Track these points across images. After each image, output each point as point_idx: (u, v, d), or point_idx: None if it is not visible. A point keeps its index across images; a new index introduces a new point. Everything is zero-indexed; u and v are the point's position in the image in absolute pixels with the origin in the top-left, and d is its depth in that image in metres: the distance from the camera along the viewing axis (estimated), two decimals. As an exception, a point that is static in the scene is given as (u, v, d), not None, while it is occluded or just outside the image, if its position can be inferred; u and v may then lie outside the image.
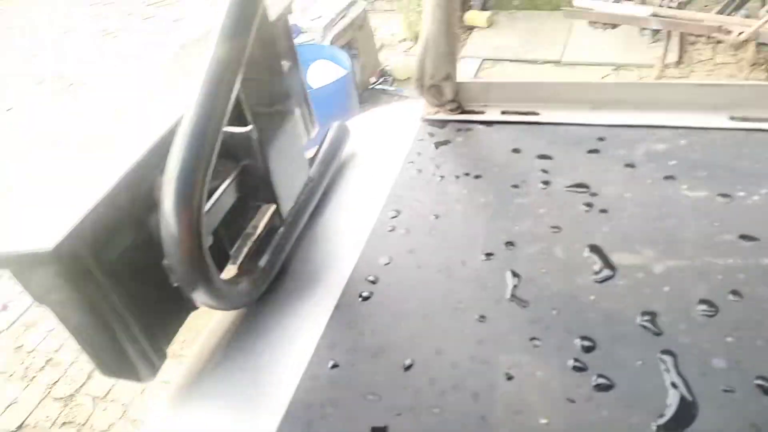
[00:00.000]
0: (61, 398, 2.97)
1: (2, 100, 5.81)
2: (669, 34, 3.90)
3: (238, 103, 0.81)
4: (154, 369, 0.82)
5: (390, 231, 0.98)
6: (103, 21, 5.99)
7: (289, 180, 0.98)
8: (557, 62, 4.60)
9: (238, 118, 0.86)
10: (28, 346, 3.27)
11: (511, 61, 4.73)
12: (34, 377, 3.09)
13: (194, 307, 0.90)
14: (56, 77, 6.04)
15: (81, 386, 3.00)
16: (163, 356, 0.84)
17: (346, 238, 1.01)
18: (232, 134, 0.87)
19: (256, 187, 0.93)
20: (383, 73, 4.88)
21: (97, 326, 0.75)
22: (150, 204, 0.79)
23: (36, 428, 2.85)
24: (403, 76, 4.75)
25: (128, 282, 0.76)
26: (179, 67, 1.00)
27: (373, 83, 4.77)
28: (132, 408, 2.85)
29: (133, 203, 0.77)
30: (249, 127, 0.87)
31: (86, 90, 5.86)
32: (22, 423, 2.88)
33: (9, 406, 2.98)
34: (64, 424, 2.84)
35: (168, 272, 0.78)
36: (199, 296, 0.77)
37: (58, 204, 0.74)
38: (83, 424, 2.82)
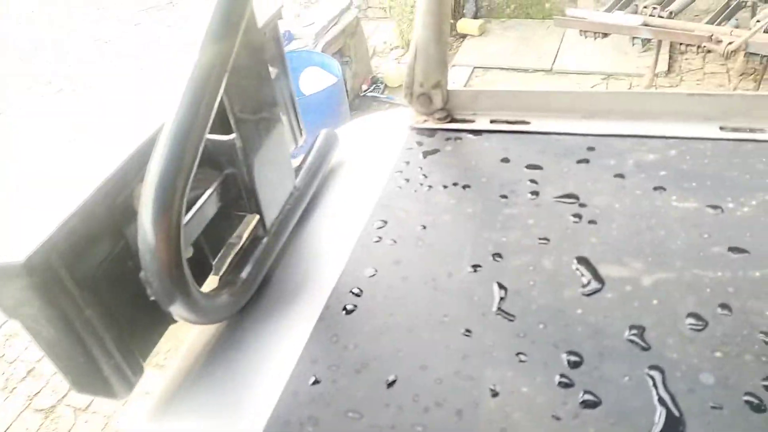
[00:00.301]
0: (42, 410, 2.91)
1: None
2: (659, 44, 3.92)
3: (222, 110, 0.79)
4: (129, 385, 0.79)
5: (376, 242, 0.96)
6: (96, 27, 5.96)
7: (273, 189, 0.95)
8: (548, 71, 4.61)
9: (222, 126, 0.83)
10: (9, 356, 3.21)
11: (502, 69, 4.73)
12: (14, 388, 3.03)
13: (173, 321, 0.87)
14: (45, 82, 5.99)
15: (62, 397, 2.94)
16: (139, 371, 0.81)
17: (331, 248, 0.98)
18: (215, 142, 0.84)
19: (239, 196, 0.91)
20: (375, 81, 4.87)
21: (70, 341, 0.72)
22: (128, 214, 0.77)
23: (17, 440, 2.79)
24: (394, 84, 4.75)
25: (104, 295, 0.73)
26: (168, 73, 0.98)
27: (365, 91, 4.76)
28: (114, 420, 2.79)
29: (111, 213, 0.74)
30: (232, 135, 0.85)
31: (72, 94, 5.82)
32: (3, 434, 2.82)
33: (-11, 416, 2.91)
34: (45, 435, 2.78)
35: (145, 285, 0.75)
36: (176, 310, 0.74)
37: (32, 214, 0.71)
38: (65, 436, 2.76)
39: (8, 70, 5.76)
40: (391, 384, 0.74)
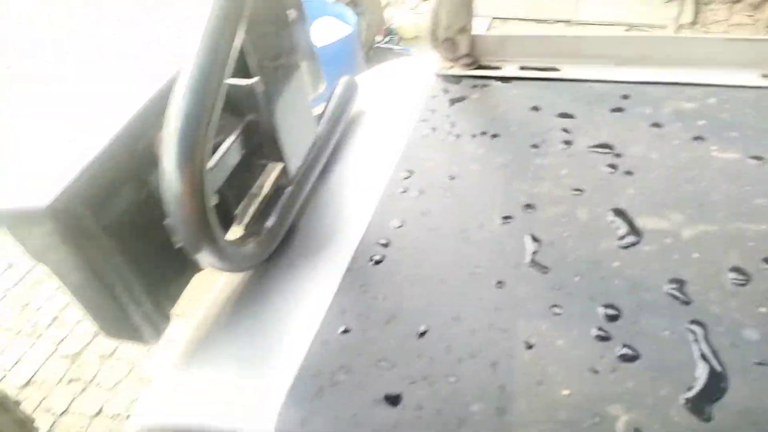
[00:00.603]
0: (68, 356, 2.99)
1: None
2: (686, -8, 3.77)
3: (241, 55, 0.76)
4: (158, 331, 0.80)
5: (402, 192, 0.94)
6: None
7: (296, 137, 0.93)
8: (568, 21, 4.46)
9: (242, 71, 0.81)
10: (34, 304, 3.28)
11: (521, 20, 4.58)
12: (40, 335, 3.11)
13: (200, 268, 0.87)
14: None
15: (88, 344, 3.02)
16: (167, 318, 0.81)
17: (357, 199, 0.96)
18: (236, 87, 0.82)
19: (261, 144, 0.89)
20: (389, 32, 4.74)
21: (97, 288, 0.72)
22: (151, 161, 0.75)
23: (43, 384, 2.88)
24: (409, 35, 4.62)
25: (130, 242, 0.73)
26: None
27: (379, 42, 4.65)
28: (138, 366, 2.87)
29: (133, 160, 0.73)
30: (254, 80, 0.82)
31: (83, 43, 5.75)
32: (30, 379, 2.91)
33: (16, 362, 3.00)
34: (71, 381, 2.87)
35: (170, 233, 0.75)
36: (202, 258, 0.74)
37: (54, 160, 0.70)
38: (90, 382, 2.85)
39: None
40: (422, 334, 0.74)
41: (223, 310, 0.86)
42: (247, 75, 0.82)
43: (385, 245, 0.86)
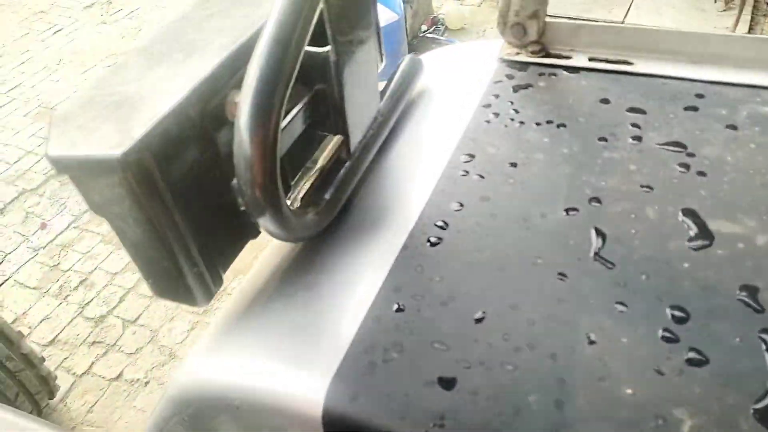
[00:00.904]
0: (93, 318, 3.04)
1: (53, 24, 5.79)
2: (743, 2, 3.64)
3: (319, 21, 0.74)
4: (209, 294, 0.78)
5: (462, 175, 0.91)
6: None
7: (360, 111, 0.91)
8: (620, 24, 4.36)
9: (315, 38, 0.79)
10: (63, 266, 3.33)
11: (571, 19, 4.49)
12: (67, 296, 3.16)
13: (253, 235, 0.85)
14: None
15: (113, 309, 3.06)
16: (219, 282, 0.80)
17: (414, 178, 0.93)
18: (309, 53, 0.80)
19: (326, 114, 0.87)
20: (435, 21, 4.69)
21: (156, 244, 0.71)
22: (220, 121, 0.74)
23: (66, 345, 2.93)
24: (456, 26, 4.57)
25: (191, 201, 0.71)
26: None
27: (425, 31, 4.60)
28: (160, 334, 2.90)
29: (203, 118, 0.72)
30: (328, 48, 0.80)
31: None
32: (54, 339, 2.96)
33: (42, 320, 3.06)
34: (93, 343, 2.91)
35: (236, 194, 0.73)
36: (264, 222, 0.72)
37: (126, 114, 0.68)
38: (112, 346, 2.89)
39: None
40: (479, 320, 0.71)
41: (270, 281, 0.84)
42: (320, 41, 0.80)
43: (443, 227, 0.83)
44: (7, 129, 4.54)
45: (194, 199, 0.72)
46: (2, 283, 3.30)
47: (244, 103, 0.63)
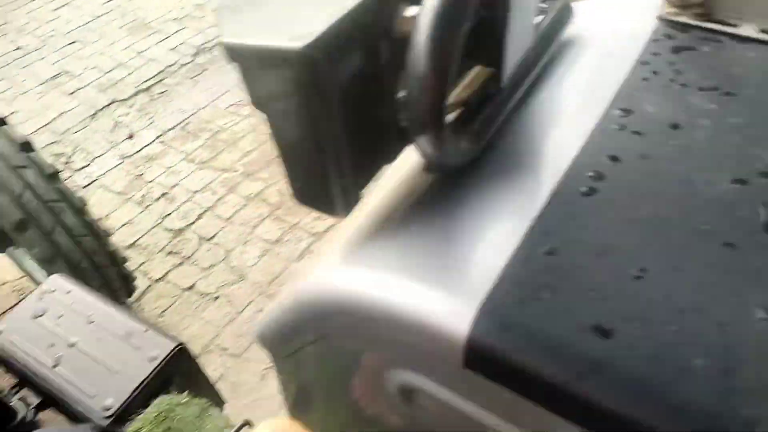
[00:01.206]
0: (171, 230, 3.16)
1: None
2: None
3: None
4: (350, 206, 0.78)
5: (618, 129, 0.87)
6: None
7: (516, 44, 0.87)
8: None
9: None
10: (147, 177, 3.46)
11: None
12: (149, 206, 3.29)
13: (389, 160, 0.84)
14: None
15: (191, 224, 3.17)
16: (359, 196, 0.80)
17: (565, 124, 0.90)
18: None
19: (482, 44, 0.84)
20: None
21: (311, 146, 0.71)
22: (386, 32, 0.72)
23: (145, 250, 3.07)
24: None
25: (351, 110, 0.70)
26: None
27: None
28: (233, 255, 2.99)
29: (372, 27, 0.70)
30: None
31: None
32: (134, 243, 3.10)
33: (123, 224, 3.21)
34: (170, 253, 3.04)
35: (400, 108, 0.72)
36: (423, 142, 0.71)
37: (306, 12, 0.67)
38: (187, 258, 3.01)
39: None
40: (638, 277, 0.69)
41: (405, 203, 0.84)
42: None
43: (598, 178, 0.80)
44: (103, 38, 4.68)
45: (354, 108, 0.70)
46: (88, 185, 3.47)
47: (425, 17, 0.62)
